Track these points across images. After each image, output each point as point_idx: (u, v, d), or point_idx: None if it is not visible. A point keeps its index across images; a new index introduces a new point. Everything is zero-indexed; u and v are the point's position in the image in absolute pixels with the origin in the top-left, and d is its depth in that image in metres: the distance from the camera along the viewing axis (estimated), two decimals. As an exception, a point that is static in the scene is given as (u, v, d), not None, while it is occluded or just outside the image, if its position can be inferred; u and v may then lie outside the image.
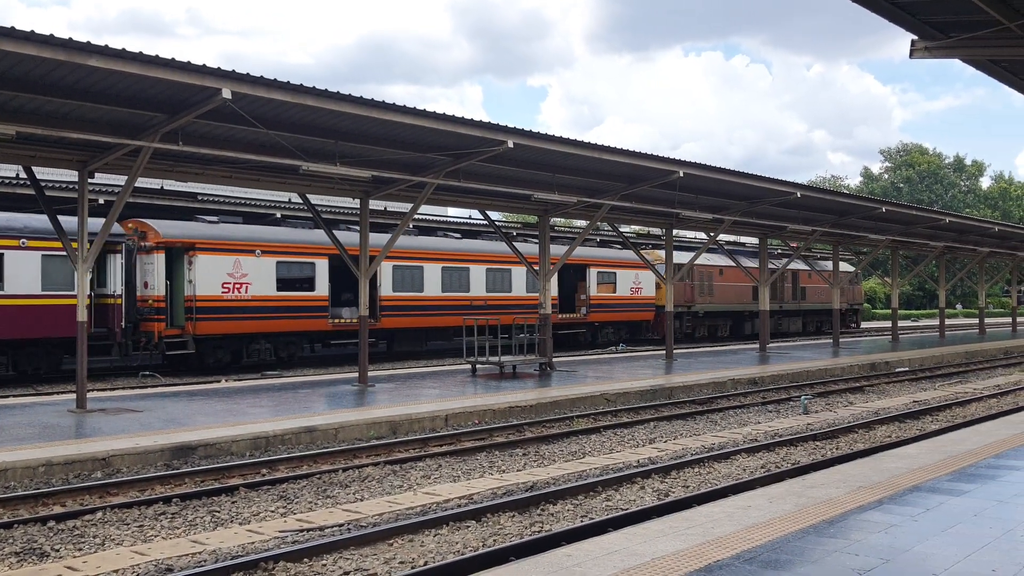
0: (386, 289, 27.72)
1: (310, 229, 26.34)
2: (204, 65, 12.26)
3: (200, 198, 28.72)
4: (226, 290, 23.96)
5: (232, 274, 24.09)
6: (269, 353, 25.53)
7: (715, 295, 40.23)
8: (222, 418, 14.04)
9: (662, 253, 33.86)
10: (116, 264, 22.72)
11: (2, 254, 20.63)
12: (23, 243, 20.88)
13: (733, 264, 35.02)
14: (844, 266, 44.74)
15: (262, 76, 12.86)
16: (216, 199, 29.49)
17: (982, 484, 8.59)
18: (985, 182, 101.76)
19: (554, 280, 30.36)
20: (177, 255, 23.83)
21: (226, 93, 12.48)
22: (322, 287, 26.13)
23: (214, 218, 25.26)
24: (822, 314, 46.92)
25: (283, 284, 25.24)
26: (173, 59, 11.92)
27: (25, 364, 21.94)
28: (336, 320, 26.77)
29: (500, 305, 30.01)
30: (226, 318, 23.82)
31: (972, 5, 9.33)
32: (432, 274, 29.11)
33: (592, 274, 34.95)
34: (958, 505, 7.72)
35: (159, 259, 23.49)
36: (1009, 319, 57.09)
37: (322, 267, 26.13)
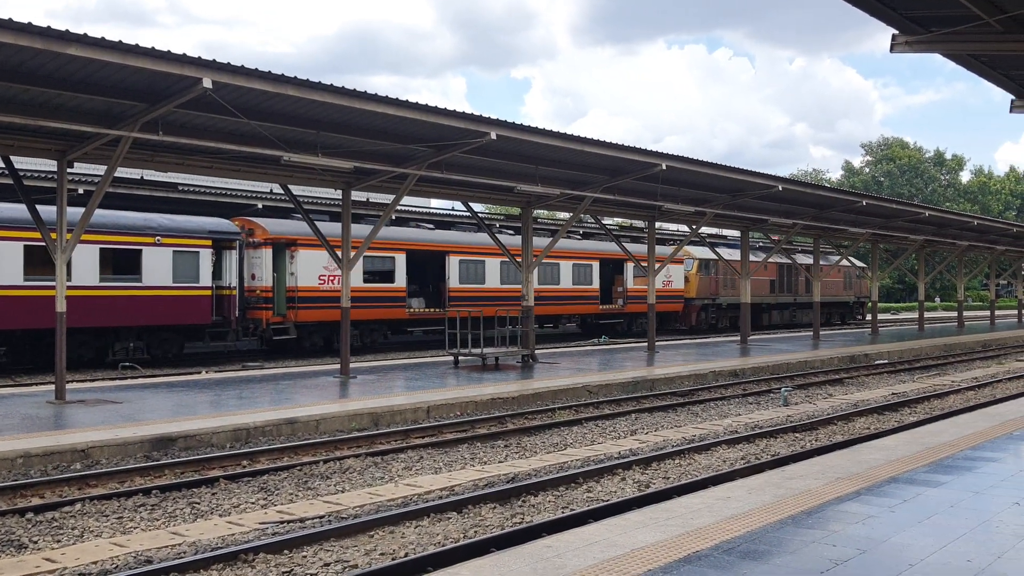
0: (454, 281, 30.46)
1: (389, 226, 28.64)
2: (184, 54, 12.18)
3: (180, 188, 28.52)
4: (322, 282, 26.49)
5: (327, 267, 26.24)
6: (356, 339, 27.24)
7: (735, 288, 40.77)
8: (203, 410, 13.99)
9: (690, 249, 37.28)
10: (231, 259, 25.10)
11: (140, 250, 22.82)
12: (158, 240, 23.24)
13: (753, 259, 36.28)
14: (852, 260, 47.08)
15: (243, 66, 12.79)
16: (197, 189, 29.29)
17: (959, 475, 8.68)
18: (965, 176, 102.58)
19: (596, 273, 35.59)
20: (280, 250, 26.23)
21: (207, 83, 12.40)
22: (400, 279, 28.80)
23: (299, 215, 27.02)
24: (833, 306, 48.91)
25: (368, 276, 27.79)
26: (153, 48, 11.82)
27: (156, 349, 24.14)
28: (411, 309, 29.49)
29: (551, 296, 33.46)
30: (322, 307, 25.84)
31: (953, 0, 9.39)
32: (492, 268, 31.89)
33: (628, 268, 37.21)
34: (935, 496, 7.80)
35: (266, 254, 25.92)
36: (987, 312, 57.58)
37: (400, 261, 28.73)
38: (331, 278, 26.18)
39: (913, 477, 8.58)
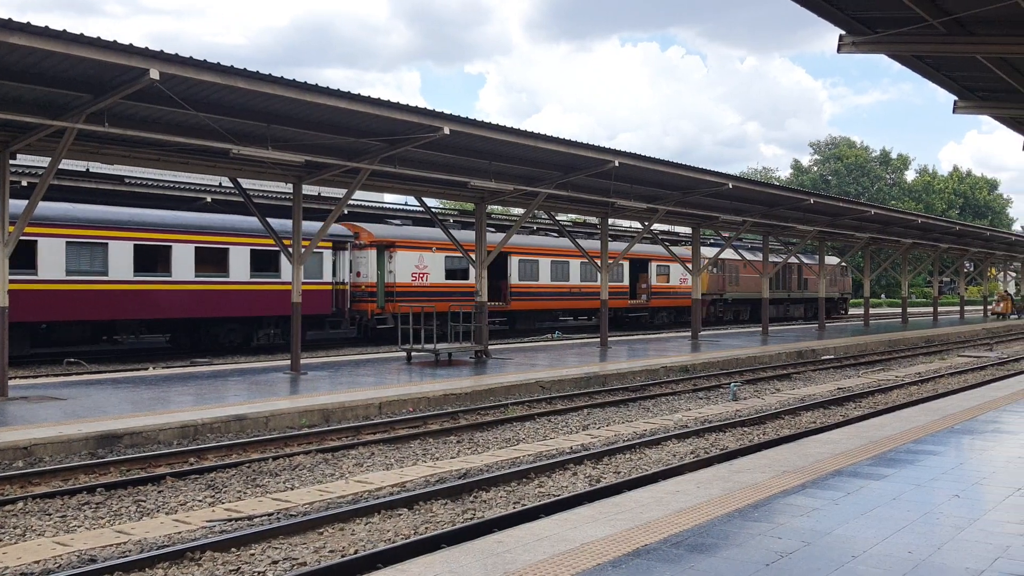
0: (514, 279, 34.45)
1: (462, 229, 31.99)
2: (131, 44, 11.95)
3: (127, 181, 27.99)
4: (414, 278, 30.50)
5: (418, 266, 30.66)
6: (439, 328, 29.70)
7: (740, 285, 45.99)
8: (149, 406, 13.76)
9: (702, 250, 37.90)
10: (344, 259, 29.07)
11: (279, 251, 25.28)
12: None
13: (754, 258, 40.69)
14: (832, 259, 50.49)
15: (191, 57, 12.58)
16: (144, 182, 28.77)
17: (901, 468, 8.87)
18: (910, 175, 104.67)
19: (626, 271, 39.64)
20: (381, 251, 30.00)
21: (154, 74, 12.18)
22: (474, 275, 30.11)
23: (398, 221, 32.01)
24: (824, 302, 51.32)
25: (448, 274, 31.83)
26: (99, 38, 11.58)
27: (287, 336, 26.19)
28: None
29: (592, 292, 37.30)
30: (414, 301, 27.96)
31: (898, 2, 9.57)
32: (545, 267, 35.89)
33: (652, 267, 41.82)
34: (878, 489, 7.96)
35: (371, 254, 29.83)
36: (931, 309, 58.91)
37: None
38: (422, 275, 30.74)
39: (857, 470, 8.75)
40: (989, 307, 59.00)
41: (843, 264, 48.01)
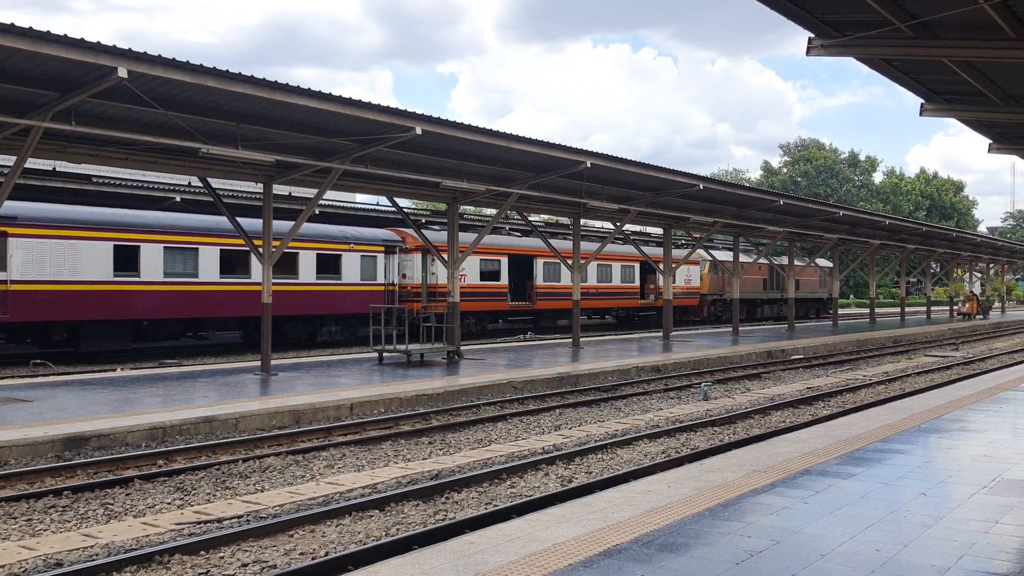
0: (539, 280, 37.02)
1: (495, 234, 34.88)
2: (99, 42, 11.80)
3: (95, 180, 27.65)
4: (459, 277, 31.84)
5: (460, 269, 31.39)
6: (472, 326, 33.79)
7: (743, 286, 46.88)
8: (117, 408, 13.60)
9: (703, 252, 42.38)
10: (394, 262, 31.64)
11: (340, 255, 29.25)
12: (352, 247, 29.63)
13: (750, 260, 43.29)
14: (823, 262, 53.60)
15: (160, 55, 12.45)
16: (112, 181, 28.43)
17: (869, 467, 8.96)
18: (878, 177, 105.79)
19: (637, 273, 42.71)
20: (425, 254, 32.02)
21: (122, 72, 12.04)
22: (504, 278, 35.47)
23: (437, 227, 33.87)
24: (810, 301, 55.91)
25: (483, 276, 34.24)
26: (66, 35, 11.43)
27: (346, 332, 30.22)
28: (510, 302, 36.07)
29: (607, 292, 41.27)
30: (468, 300, 30.80)
31: (865, 5, 9.66)
32: (566, 269, 36.04)
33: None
34: (846, 487, 8.04)
35: (416, 258, 32.34)
36: (898, 309, 59.61)
37: (504, 263, 35.40)
38: (460, 276, 32.08)
39: (826, 469, 8.84)
40: (955, 307, 59.78)
41: (831, 266, 50.70)
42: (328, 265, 28.81)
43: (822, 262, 52.74)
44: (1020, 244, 74.60)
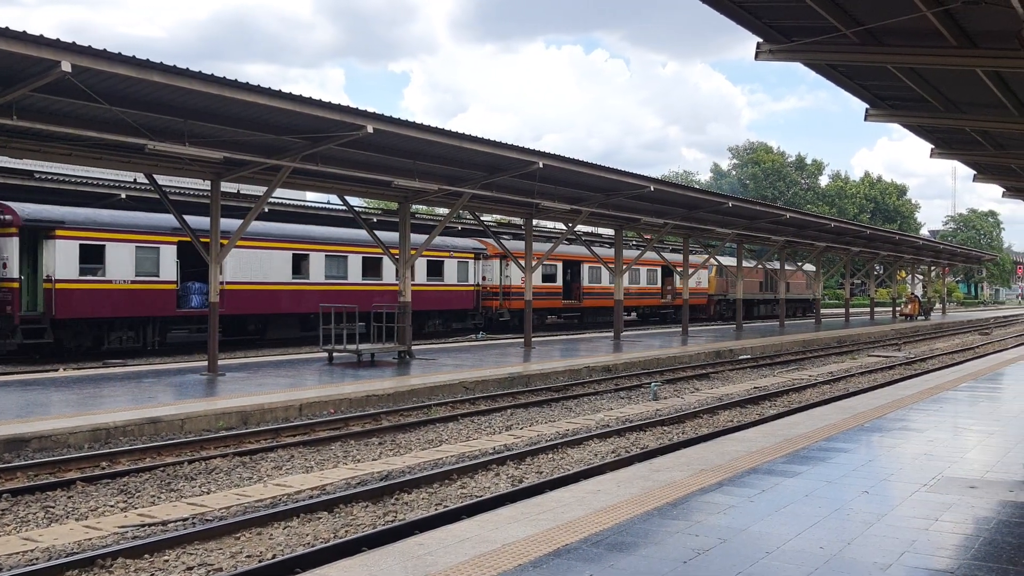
0: (585, 282, 42.48)
1: (553, 242, 37.27)
2: (41, 36, 11.54)
3: (37, 176, 27.03)
4: (522, 282, 34.71)
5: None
6: (534, 320, 35.94)
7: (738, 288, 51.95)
8: (59, 409, 13.31)
9: (718, 257, 46.69)
10: (478, 267, 36.76)
11: (443, 261, 34.43)
12: (451, 254, 35.10)
13: (748, 265, 47.35)
14: (809, 266, 57.39)
15: (105, 49, 12.21)
16: (56, 178, 27.81)
17: (814, 466, 9.11)
18: (824, 180, 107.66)
19: (659, 276, 47.89)
20: (501, 260, 37.29)
21: (65, 66, 11.78)
22: (559, 280, 41.07)
23: (508, 236, 37.65)
24: (798, 301, 60.59)
25: (544, 278, 39.29)
26: (7, 28, 11.16)
27: (445, 325, 35.53)
28: (564, 301, 41.66)
29: (635, 293, 45.72)
30: (520, 299, 34.44)
31: (813, 11, 9.81)
32: (606, 272, 41.66)
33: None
34: (791, 486, 8.17)
35: (496, 263, 37.70)
36: (843, 310, 60.74)
37: (559, 267, 41.07)
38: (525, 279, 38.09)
39: (772, 468, 8.96)
40: (898, 309, 61.04)
41: (815, 270, 55.09)
42: (435, 269, 34.19)
43: (808, 267, 56.93)
44: (960, 247, 76.46)
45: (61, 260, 22.98)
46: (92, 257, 23.68)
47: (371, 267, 31.48)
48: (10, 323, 22.30)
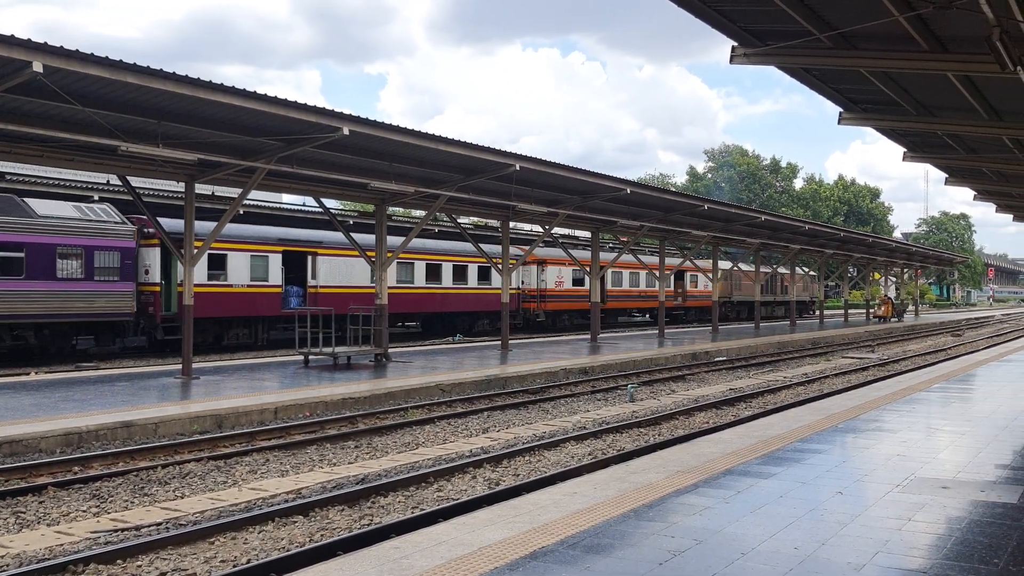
0: (609, 285, 45.02)
1: (583, 250, 41.93)
2: (12, 36, 11.41)
3: (7, 178, 26.72)
4: (556, 285, 41.98)
5: (558, 277, 42.18)
6: (566, 321, 43.06)
7: (742, 290, 56.96)
8: (30, 413, 13.15)
9: (710, 263, 48.97)
10: (519, 271, 39.40)
11: (489, 267, 35.41)
12: (492, 261, 35.76)
13: (748, 269, 51.49)
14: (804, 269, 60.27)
15: (78, 50, 12.09)
16: (26, 179, 27.51)
17: (788, 467, 9.17)
18: (798, 183, 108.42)
19: (673, 279, 48.99)
20: (541, 265, 41.08)
21: (37, 67, 11.66)
22: (587, 283, 40.77)
23: (542, 244, 38.84)
24: (798, 304, 61.49)
25: (574, 282, 42.88)
26: (-24, 27, 11.01)
27: (492, 324, 38.88)
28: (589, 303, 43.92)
29: (652, 295, 48.07)
30: (556, 302, 41.53)
31: (786, 15, 9.89)
32: (626, 276, 46.97)
33: (687, 276, 53.75)
34: (767, 487, 8.21)
35: (534, 269, 41.01)
36: (817, 312, 61.17)
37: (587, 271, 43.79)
38: (560, 283, 42.50)
39: (747, 469, 9.01)
40: (871, 311, 61.60)
41: (812, 273, 58.48)
42: (483, 275, 37.80)
43: (809, 271, 60.32)
44: (933, 250, 77.28)
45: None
46: (216, 264, 27.34)
47: (459, 274, 37.06)
48: (153, 321, 26.14)
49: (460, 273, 36.84)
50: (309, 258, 30.55)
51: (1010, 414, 13.27)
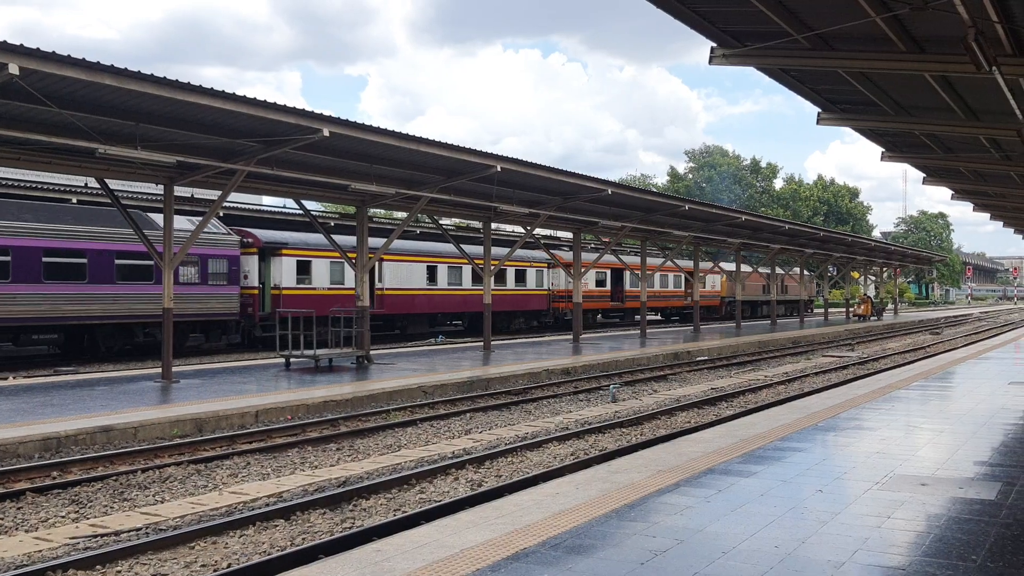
0: (628, 286, 48.56)
1: (600, 251, 42.07)
2: (-13, 37, 11.29)
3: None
4: (584, 285, 40.78)
5: (586, 280, 42.21)
6: (586, 320, 42.34)
7: (746, 290, 56.59)
8: (8, 418, 13.03)
9: (723, 264, 55.76)
10: (548, 273, 43.30)
11: (526, 270, 41.90)
12: (531, 264, 42.05)
13: (751, 269, 54.07)
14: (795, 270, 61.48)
15: (54, 52, 11.99)
16: (3, 183, 27.26)
17: (769, 466, 9.21)
18: (778, 183, 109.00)
19: (683, 281, 52.74)
20: (568, 268, 39.64)
21: (13, 69, 11.55)
22: (608, 285, 47.75)
23: (567, 248, 43.68)
24: (793, 302, 65.31)
25: (597, 284, 46.34)
26: (-50, 28, 10.91)
27: (525, 323, 42.67)
28: (611, 303, 48.22)
29: (664, 295, 52.82)
30: (584, 302, 39.37)
31: (765, 16, 9.95)
32: (634, 278, 48.03)
33: (697, 277, 55.78)
34: (747, 486, 8.25)
35: (563, 271, 42.22)
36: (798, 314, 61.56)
37: (608, 274, 47.36)
38: (585, 283, 42.91)
39: (728, 468, 9.05)
40: (851, 309, 62.00)
41: (808, 273, 60.26)
42: (520, 277, 41.35)
43: (804, 271, 61.57)
44: (911, 248, 77.90)
45: (285, 272, 30.39)
46: (303, 270, 31.04)
47: (499, 277, 38.46)
48: (252, 320, 29.78)
49: (499, 276, 38.54)
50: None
51: (988, 411, 13.39)
